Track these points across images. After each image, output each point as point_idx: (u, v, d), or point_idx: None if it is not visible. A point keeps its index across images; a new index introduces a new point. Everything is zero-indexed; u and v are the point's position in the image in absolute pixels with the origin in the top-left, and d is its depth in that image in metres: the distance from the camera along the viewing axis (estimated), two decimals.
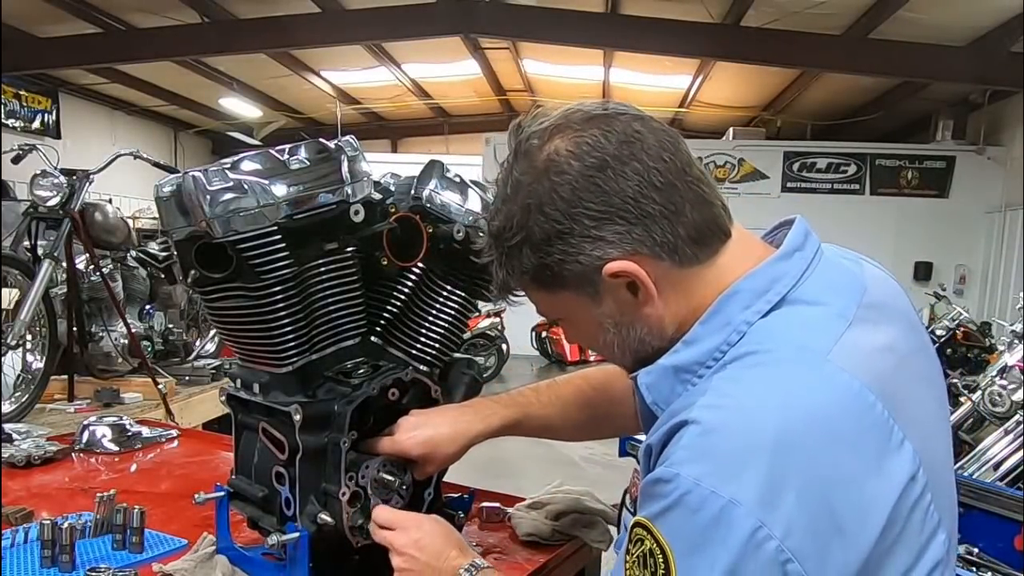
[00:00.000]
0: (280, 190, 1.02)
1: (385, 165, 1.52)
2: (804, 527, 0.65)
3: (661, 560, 0.68)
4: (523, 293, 0.87)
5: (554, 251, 0.78)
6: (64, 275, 2.98)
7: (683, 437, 0.70)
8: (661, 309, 0.79)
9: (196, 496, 1.16)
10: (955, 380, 5.21)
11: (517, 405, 1.19)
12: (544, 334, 9.76)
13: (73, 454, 1.85)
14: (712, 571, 0.65)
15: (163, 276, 1.10)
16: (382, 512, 1.06)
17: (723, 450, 0.67)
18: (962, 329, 6.15)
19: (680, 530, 0.67)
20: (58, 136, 9.49)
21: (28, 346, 2.91)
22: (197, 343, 3.96)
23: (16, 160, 3.12)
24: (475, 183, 1.23)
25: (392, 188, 1.20)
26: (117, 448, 1.89)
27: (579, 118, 0.79)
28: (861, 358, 0.73)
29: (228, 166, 1.01)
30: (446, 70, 10.01)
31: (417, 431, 1.10)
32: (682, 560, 0.67)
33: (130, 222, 3.71)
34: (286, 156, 1.05)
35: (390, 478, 1.10)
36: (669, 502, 0.68)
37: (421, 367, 1.17)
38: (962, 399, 4.49)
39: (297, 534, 1.06)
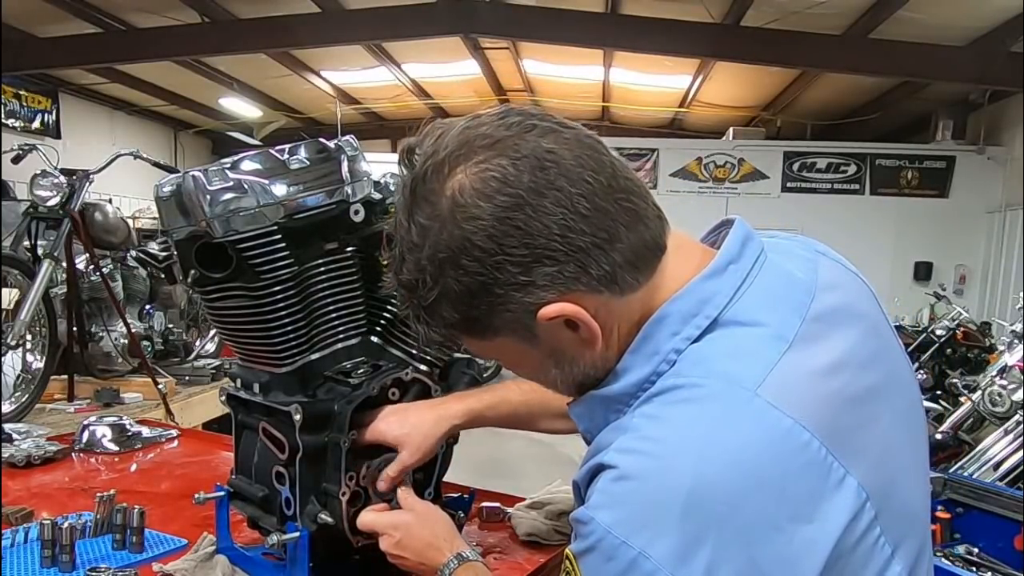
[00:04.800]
0: (280, 190, 1.02)
1: (385, 165, 1.51)
2: None
3: None
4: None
5: (478, 304, 0.70)
6: (64, 275, 2.98)
7: (599, 480, 0.67)
8: (602, 345, 0.73)
9: (196, 496, 1.16)
10: (955, 380, 5.21)
11: (495, 391, 1.18)
12: None
13: (73, 454, 1.85)
14: None
15: (163, 276, 1.10)
16: (364, 518, 1.06)
17: (636, 499, 0.64)
18: (962, 329, 6.15)
19: (595, 573, 0.65)
20: (58, 136, 9.48)
21: (28, 346, 2.91)
22: (197, 343, 3.97)
23: (16, 160, 3.12)
24: None
25: (392, 188, 1.20)
26: (117, 448, 1.89)
27: (481, 143, 0.68)
28: (798, 387, 0.67)
29: (228, 166, 1.01)
30: (446, 70, 10.01)
31: (394, 416, 1.10)
32: None
33: (130, 222, 3.72)
34: (286, 156, 1.05)
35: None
36: (587, 544, 0.65)
37: (421, 367, 1.17)
38: (962, 399, 4.49)
39: (297, 534, 1.06)
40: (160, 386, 3.03)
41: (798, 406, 0.66)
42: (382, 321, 1.18)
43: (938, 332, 6.12)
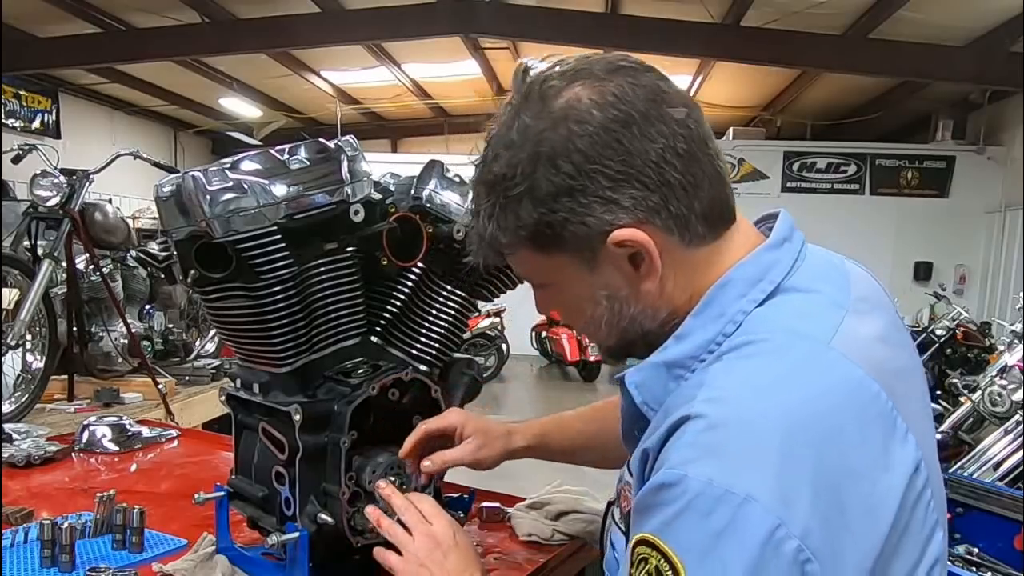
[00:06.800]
0: (280, 190, 1.02)
1: (385, 165, 1.51)
2: (819, 524, 0.60)
3: None
4: (509, 251, 0.78)
5: (560, 208, 0.71)
6: (64, 275, 2.98)
7: (685, 434, 0.64)
8: (659, 288, 0.74)
9: (196, 496, 1.16)
10: (955, 380, 5.21)
11: (552, 419, 1.20)
12: (544, 334, 9.76)
13: (73, 454, 1.85)
14: None
15: (163, 276, 1.10)
16: (426, 503, 0.97)
17: (732, 445, 0.62)
18: (962, 329, 6.15)
19: (691, 537, 0.61)
20: (58, 136, 9.48)
21: (28, 346, 2.90)
22: (197, 343, 3.96)
23: (16, 160, 3.12)
24: None
25: (392, 188, 1.20)
26: (117, 448, 1.89)
27: (603, 67, 0.72)
28: (861, 347, 0.70)
29: (228, 166, 1.01)
30: (446, 70, 10.01)
31: (468, 415, 1.11)
32: (694, 571, 0.61)
33: (130, 222, 3.71)
34: (286, 156, 1.05)
35: (395, 480, 1.10)
36: (677, 508, 0.62)
37: (421, 367, 1.17)
38: (962, 399, 4.50)
39: (297, 534, 1.06)
40: (160, 386, 3.02)
41: (863, 361, 0.69)
42: (382, 321, 1.18)
43: (938, 332, 6.12)
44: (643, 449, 0.70)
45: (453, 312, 1.21)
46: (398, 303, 1.18)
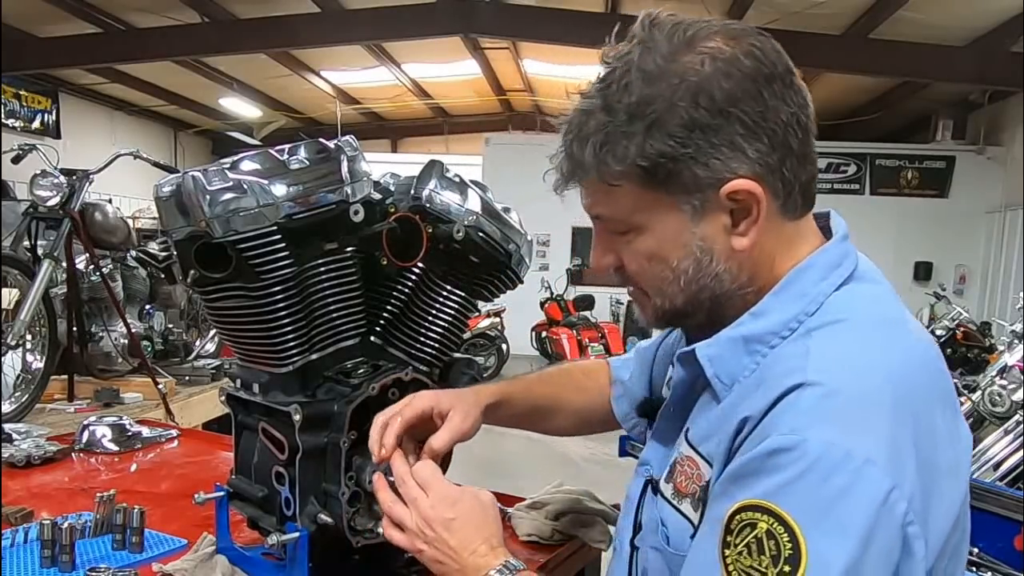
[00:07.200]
0: (280, 190, 1.02)
1: (385, 165, 1.51)
2: (920, 488, 0.64)
3: (787, 539, 0.62)
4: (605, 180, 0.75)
5: (690, 143, 0.71)
6: (64, 275, 2.98)
7: (800, 401, 0.66)
8: (749, 249, 0.75)
9: (196, 496, 1.16)
10: (955, 380, 5.21)
11: (519, 380, 1.18)
12: (544, 334, 9.76)
13: (73, 454, 1.85)
14: (847, 539, 0.61)
15: (163, 276, 1.10)
16: (424, 471, 0.92)
17: (850, 411, 0.65)
18: (962, 329, 6.16)
19: (809, 499, 0.62)
20: (58, 136, 9.50)
21: (28, 346, 2.90)
22: (197, 343, 3.96)
23: (16, 160, 3.11)
24: (475, 183, 1.23)
25: (392, 188, 1.20)
26: (117, 448, 1.88)
27: (742, 27, 0.76)
28: (922, 334, 0.78)
29: (228, 166, 1.01)
30: (446, 70, 10.02)
31: (433, 391, 1.06)
32: (812, 533, 0.61)
33: (130, 222, 3.71)
34: (286, 156, 1.05)
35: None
36: (795, 472, 0.63)
37: (421, 367, 1.17)
38: (962, 399, 4.49)
39: (297, 534, 1.06)
40: (160, 386, 3.02)
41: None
42: (382, 321, 1.18)
43: (938, 332, 6.13)
44: (743, 417, 0.70)
45: (453, 312, 1.21)
46: (398, 303, 1.18)
